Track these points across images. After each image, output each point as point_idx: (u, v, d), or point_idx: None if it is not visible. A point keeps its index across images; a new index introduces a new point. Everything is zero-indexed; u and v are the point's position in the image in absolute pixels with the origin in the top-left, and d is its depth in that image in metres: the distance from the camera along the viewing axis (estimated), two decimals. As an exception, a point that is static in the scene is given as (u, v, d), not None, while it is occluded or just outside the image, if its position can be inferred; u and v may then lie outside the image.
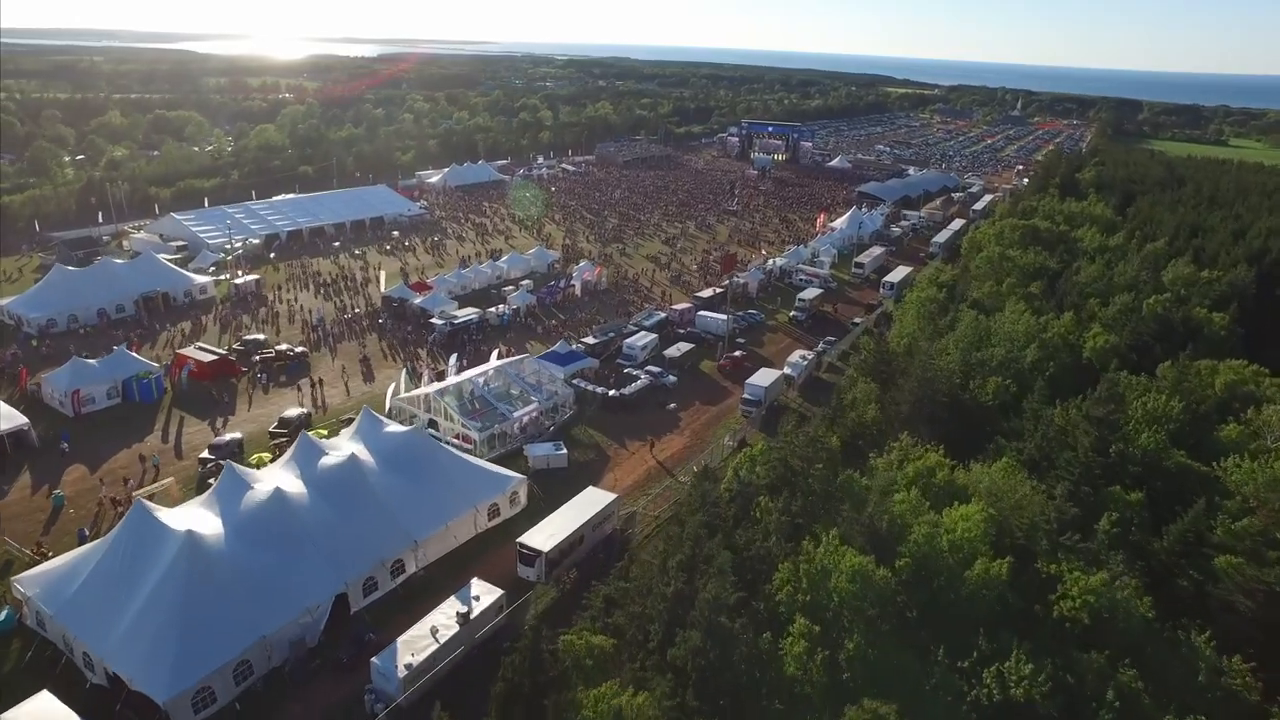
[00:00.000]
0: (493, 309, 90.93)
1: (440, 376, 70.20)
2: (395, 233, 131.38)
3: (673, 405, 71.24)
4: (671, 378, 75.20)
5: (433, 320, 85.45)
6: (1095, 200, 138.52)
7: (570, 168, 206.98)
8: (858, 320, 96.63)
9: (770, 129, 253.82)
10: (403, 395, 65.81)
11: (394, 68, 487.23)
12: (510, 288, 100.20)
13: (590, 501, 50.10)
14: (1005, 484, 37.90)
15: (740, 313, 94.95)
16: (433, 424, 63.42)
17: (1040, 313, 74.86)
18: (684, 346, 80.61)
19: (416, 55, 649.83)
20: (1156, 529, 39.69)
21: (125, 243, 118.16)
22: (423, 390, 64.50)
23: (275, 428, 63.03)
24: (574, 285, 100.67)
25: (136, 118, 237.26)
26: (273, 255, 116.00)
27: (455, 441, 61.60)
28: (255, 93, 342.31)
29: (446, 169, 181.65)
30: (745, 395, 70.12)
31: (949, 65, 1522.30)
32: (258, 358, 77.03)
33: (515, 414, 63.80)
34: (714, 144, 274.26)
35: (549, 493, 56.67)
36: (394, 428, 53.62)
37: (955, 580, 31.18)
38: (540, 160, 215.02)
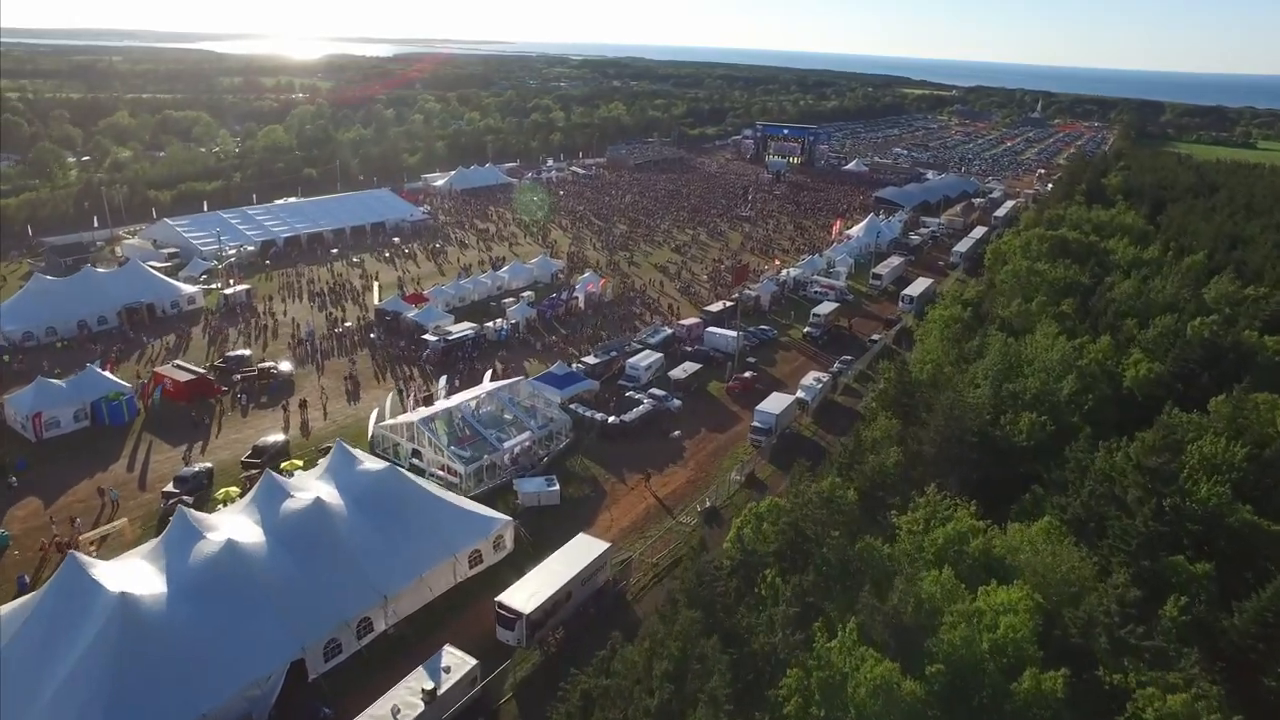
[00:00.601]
0: (490, 323, 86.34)
1: (427, 400, 65.67)
2: (396, 239, 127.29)
3: (677, 433, 66.36)
4: (676, 402, 70.34)
5: (425, 336, 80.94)
6: (1124, 208, 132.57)
7: (580, 171, 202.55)
8: (875, 337, 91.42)
9: (785, 131, 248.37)
10: (386, 422, 61.36)
11: (408, 69, 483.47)
12: (510, 300, 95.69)
13: (580, 551, 45.35)
14: (1050, 556, 32.89)
15: (751, 328, 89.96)
16: (417, 454, 58.97)
17: (1074, 334, 69.60)
18: (690, 367, 75.66)
19: (432, 57, 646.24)
20: (1225, 601, 34.57)
21: (117, 249, 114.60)
22: (405, 418, 59.91)
23: (248, 457, 58.69)
24: (577, 298, 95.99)
25: (144, 118, 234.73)
26: (268, 263, 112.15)
27: (440, 474, 57.15)
28: (269, 93, 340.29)
29: (453, 172, 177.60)
30: (755, 423, 65.09)
31: (967, 66, 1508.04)
32: (238, 376, 72.87)
33: (506, 444, 59.17)
34: (728, 146, 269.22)
35: (539, 533, 52.12)
36: (369, 464, 49.08)
37: (999, 694, 26.22)
38: (550, 163, 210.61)
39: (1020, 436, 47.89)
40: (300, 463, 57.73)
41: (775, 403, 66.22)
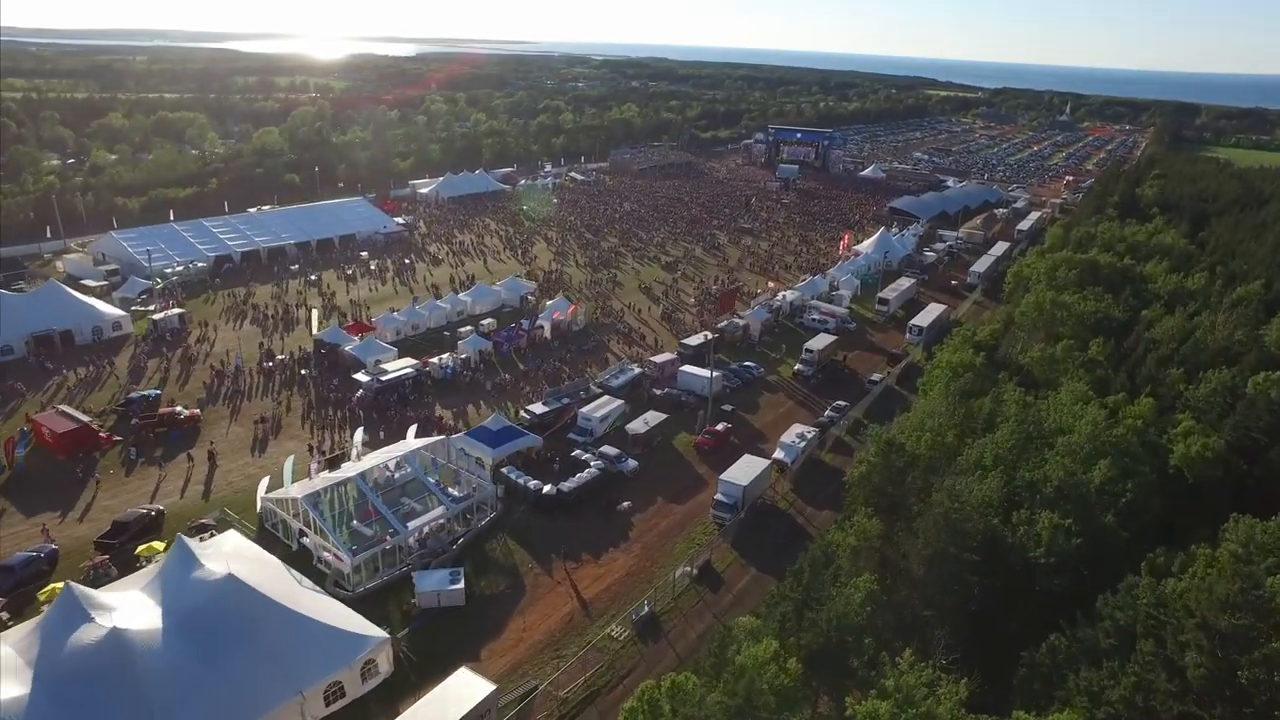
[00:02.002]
0: (435, 359, 76.23)
1: (334, 462, 55.73)
2: (364, 253, 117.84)
3: (626, 504, 55.68)
4: (631, 463, 59.70)
5: (357, 376, 71.07)
6: (1161, 224, 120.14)
7: (579, 177, 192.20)
8: (876, 377, 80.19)
9: (799, 135, 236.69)
10: (270, 494, 51.56)
11: (425, 70, 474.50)
12: (468, 328, 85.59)
13: (455, 698, 35.05)
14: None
15: (734, 366, 79.28)
16: (305, 533, 49.19)
17: (1105, 388, 58.40)
18: (653, 418, 64.79)
19: (453, 58, 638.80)
20: None
21: (59, 264, 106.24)
22: (289, 490, 49.87)
23: (104, 535, 49.08)
24: (541, 327, 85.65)
25: (139, 119, 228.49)
26: (218, 280, 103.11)
27: (331, 559, 47.30)
28: (281, 92, 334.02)
29: (441, 178, 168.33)
30: (718, 495, 54.48)
31: (994, 67, 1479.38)
32: (136, 422, 63.53)
33: (412, 524, 49.14)
34: (740, 150, 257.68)
35: (436, 644, 42.14)
36: (210, 568, 38.97)
37: None
38: (547, 168, 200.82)
39: (1037, 550, 36.97)
40: (160, 547, 48.01)
41: (745, 469, 55.47)
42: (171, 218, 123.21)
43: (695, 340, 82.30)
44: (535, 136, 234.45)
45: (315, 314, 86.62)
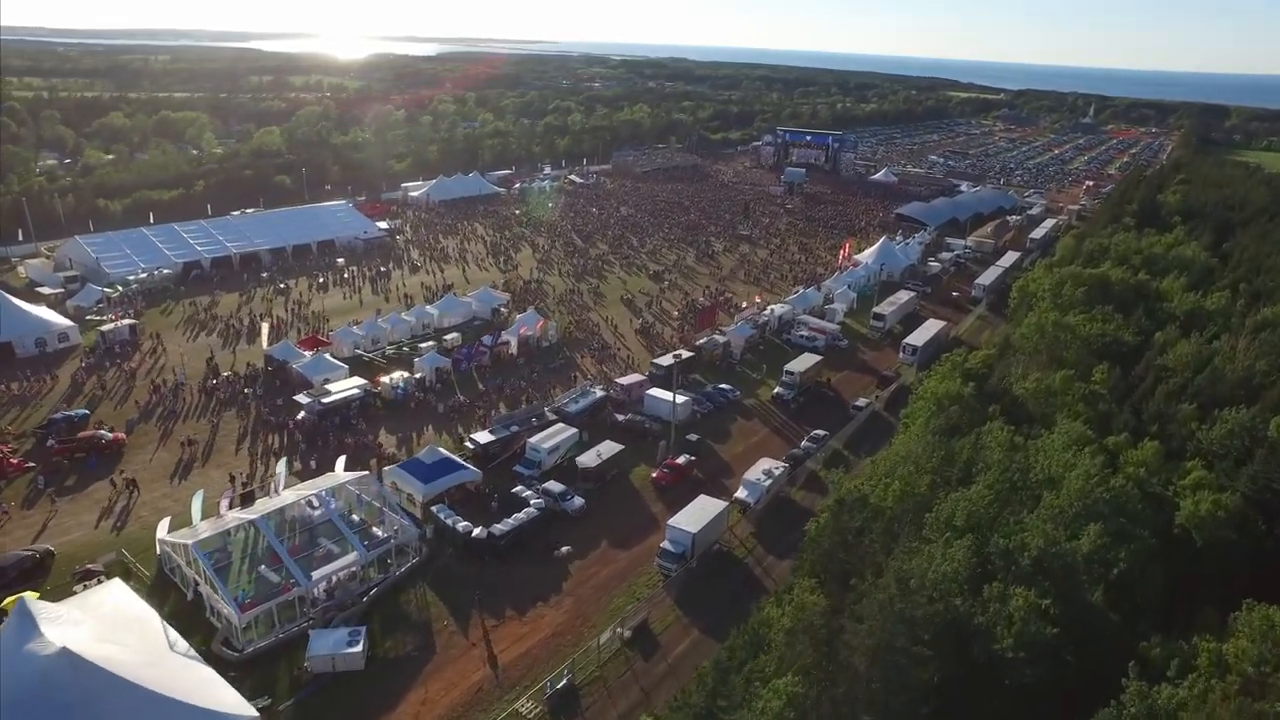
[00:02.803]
0: (387, 378, 71.18)
1: (248, 497, 50.89)
2: (340, 260, 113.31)
3: (565, 549, 50.30)
4: (577, 501, 54.26)
5: (297, 398, 66.17)
6: (1182, 235, 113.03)
7: (578, 179, 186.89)
8: (861, 402, 74.12)
9: (808, 137, 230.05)
10: (165, 536, 46.69)
11: (442, 70, 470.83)
12: (429, 344, 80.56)
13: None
14: None
15: (709, 388, 73.64)
16: (199, 581, 44.30)
17: (1107, 424, 52.29)
18: (607, 450, 59.01)
19: (473, 58, 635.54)
20: None
21: (21, 269, 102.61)
22: (183, 534, 44.96)
23: (-27, 584, 44.50)
24: (508, 343, 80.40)
25: (140, 119, 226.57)
26: (183, 288, 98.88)
27: (224, 612, 42.36)
28: (294, 92, 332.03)
29: (433, 180, 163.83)
30: (664, 543, 48.89)
31: (1018, 68, 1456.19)
32: (52, 444, 59.07)
33: (315, 574, 44.08)
34: (749, 152, 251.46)
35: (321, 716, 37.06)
36: (44, 640, 33.88)
37: None
38: (546, 170, 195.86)
39: (1005, 640, 31.17)
40: (35, 597, 43.14)
41: (696, 514, 49.80)
42: (151, 221, 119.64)
43: (668, 360, 76.47)
44: (540, 138, 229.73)
45: (265, 327, 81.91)
